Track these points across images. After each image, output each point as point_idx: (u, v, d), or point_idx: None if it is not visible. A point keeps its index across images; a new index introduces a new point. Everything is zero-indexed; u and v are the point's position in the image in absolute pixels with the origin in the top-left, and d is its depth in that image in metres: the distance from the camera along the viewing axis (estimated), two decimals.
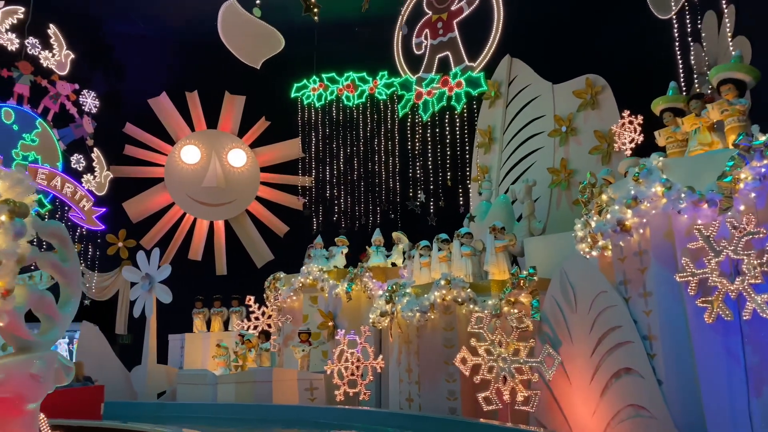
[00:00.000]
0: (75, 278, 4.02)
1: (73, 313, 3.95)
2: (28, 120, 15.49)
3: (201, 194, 17.77)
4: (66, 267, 3.94)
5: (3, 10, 14.39)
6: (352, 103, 17.64)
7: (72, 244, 4.09)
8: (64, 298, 3.97)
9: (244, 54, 16.48)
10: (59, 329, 3.79)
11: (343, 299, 12.89)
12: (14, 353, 3.54)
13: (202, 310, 15.78)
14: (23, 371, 3.44)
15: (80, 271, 4.09)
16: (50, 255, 3.87)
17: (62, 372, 3.69)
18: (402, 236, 13.49)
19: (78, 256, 13.28)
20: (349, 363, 11.17)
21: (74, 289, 4.00)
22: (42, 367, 3.48)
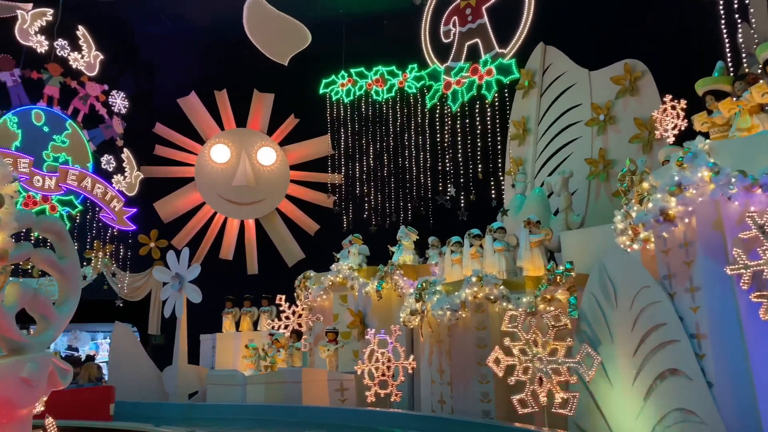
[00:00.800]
0: (73, 276, 3.81)
1: (70, 312, 3.74)
2: (58, 121, 15.69)
3: (231, 193, 17.73)
4: (63, 264, 3.74)
5: (32, 12, 14.57)
6: (381, 98, 17.39)
7: (70, 239, 3.89)
8: (62, 297, 3.77)
9: (272, 50, 16.44)
10: (55, 330, 3.59)
11: (373, 298, 12.61)
12: (5, 355, 3.34)
13: (232, 310, 15.69)
14: (13, 375, 3.23)
15: (80, 268, 3.88)
16: (45, 251, 3.67)
17: (57, 375, 3.47)
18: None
19: (112, 256, 13.44)
20: (380, 363, 10.85)
21: (73, 288, 3.81)
22: (34, 370, 3.27)
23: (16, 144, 14.80)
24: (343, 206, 17.60)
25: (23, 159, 14.43)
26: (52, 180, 14.98)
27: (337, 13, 16.84)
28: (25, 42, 14.54)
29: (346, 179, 17.83)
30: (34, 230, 3.71)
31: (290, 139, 18.60)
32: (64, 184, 15.13)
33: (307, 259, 17.40)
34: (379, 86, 17.44)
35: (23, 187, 14.70)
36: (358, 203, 17.45)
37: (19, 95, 14.74)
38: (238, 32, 16.41)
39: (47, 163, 15.21)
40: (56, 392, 8.49)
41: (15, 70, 14.61)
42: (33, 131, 15.11)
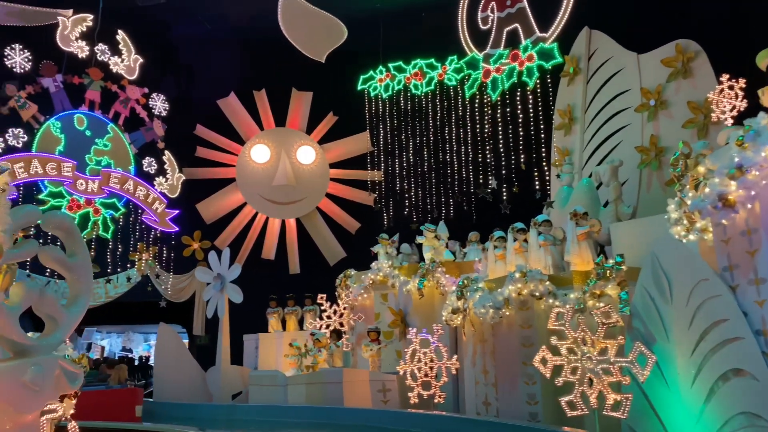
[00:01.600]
0: (84, 275, 3.64)
1: (81, 313, 3.57)
2: (100, 125, 15.97)
3: (272, 193, 17.73)
4: (73, 262, 3.57)
5: (72, 18, 14.83)
6: (420, 92, 17.09)
7: (80, 236, 3.72)
8: (72, 297, 3.60)
9: (308, 47, 16.34)
10: (63, 331, 3.42)
11: (414, 296, 12.33)
12: (10, 358, 3.18)
13: (276, 309, 15.67)
14: (15, 379, 3.05)
15: (91, 266, 3.71)
16: (52, 249, 3.50)
17: (65, 379, 3.29)
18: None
19: (156, 258, 13.54)
20: (422, 363, 10.54)
21: (83, 287, 3.63)
22: (37, 374, 3.10)
23: (60, 149, 15.12)
24: (384, 203, 17.35)
25: (67, 163, 14.72)
26: (95, 183, 15.24)
27: (373, 6, 16.59)
28: (67, 48, 14.84)
29: (386, 176, 17.59)
30: (43, 227, 3.54)
31: (329, 137, 18.48)
32: (106, 187, 15.39)
33: (349, 258, 17.24)
34: (418, 80, 17.15)
35: (67, 191, 14.99)
36: (398, 200, 17.17)
37: (62, 100, 15.05)
38: (276, 31, 16.38)
39: (90, 167, 15.48)
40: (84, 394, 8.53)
41: (57, 76, 14.93)
42: (76, 136, 15.41)
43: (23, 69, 14.24)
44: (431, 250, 12.79)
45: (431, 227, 13.00)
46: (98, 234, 15.64)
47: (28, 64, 14.33)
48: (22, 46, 14.20)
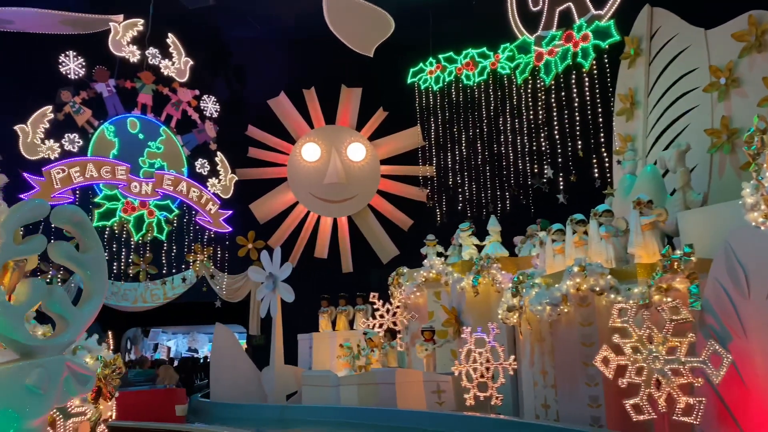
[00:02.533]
0: (98, 271, 3.47)
1: (93, 311, 3.40)
2: (152, 128, 16.27)
3: (323, 191, 17.65)
4: (85, 257, 3.39)
5: (123, 24, 15.14)
6: (472, 82, 16.62)
7: (94, 231, 3.55)
8: (85, 295, 3.43)
9: (355, 41, 16.15)
10: (73, 331, 3.25)
11: (468, 294, 11.93)
12: (13, 360, 3.01)
13: (328, 308, 15.56)
14: (16, 382, 2.87)
15: (105, 262, 3.53)
16: (61, 244, 3.32)
17: (74, 381, 3.10)
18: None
19: (211, 258, 13.64)
20: (478, 364, 10.12)
21: (97, 284, 3.46)
22: (41, 377, 2.91)
23: (114, 152, 15.49)
24: (437, 199, 16.97)
25: (120, 166, 15.05)
26: (148, 186, 15.52)
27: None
28: (118, 53, 15.18)
29: (439, 170, 17.21)
30: (53, 221, 3.37)
31: (380, 132, 18.26)
32: (160, 189, 15.65)
33: (402, 256, 16.95)
34: (470, 70, 16.71)
35: (122, 194, 15.31)
36: (451, 194, 16.75)
37: (115, 105, 15.41)
38: (324, 29, 16.31)
39: (144, 170, 15.79)
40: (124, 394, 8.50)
41: (110, 81, 15.30)
42: (129, 139, 15.76)
43: (77, 75, 14.67)
44: (470, 249, 12.39)
45: (465, 226, 12.62)
46: (153, 236, 15.92)
47: (82, 70, 14.74)
48: (76, 53, 14.60)
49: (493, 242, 12.60)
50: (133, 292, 16.01)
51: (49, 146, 13.94)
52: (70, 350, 5.20)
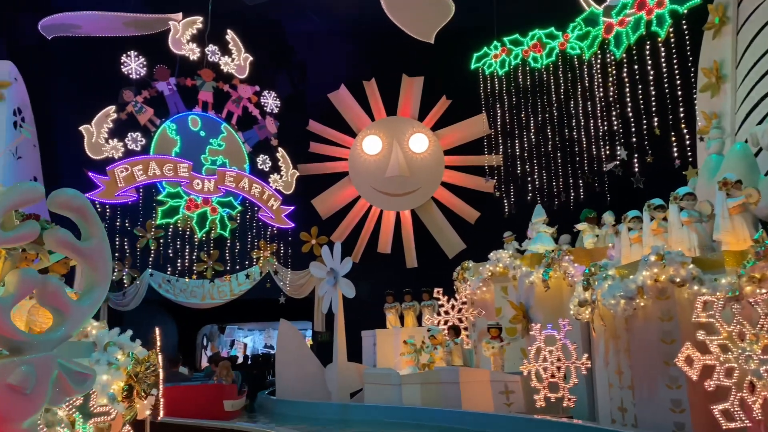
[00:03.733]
0: (101, 261, 3.20)
1: (94, 305, 3.13)
2: (213, 125, 16.42)
3: (385, 185, 17.31)
4: (85, 246, 3.13)
5: (183, 22, 15.32)
6: (540, 65, 15.82)
7: (96, 217, 3.28)
8: (87, 287, 3.17)
9: (415, 28, 15.71)
10: (70, 326, 2.98)
11: (538, 288, 11.27)
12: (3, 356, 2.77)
13: (394, 305, 15.26)
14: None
15: (109, 252, 3.27)
16: (58, 230, 3.07)
17: (66, 380, 2.84)
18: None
19: (276, 254, 13.61)
20: (549, 363, 9.50)
21: (100, 276, 3.20)
22: (25, 375, 2.66)
23: (176, 150, 15.73)
24: (504, 189, 16.26)
25: (183, 164, 15.24)
26: (210, 183, 15.66)
27: None
28: (178, 51, 15.39)
29: (506, 159, 16.48)
30: (49, 207, 3.13)
31: (443, 122, 17.73)
32: (222, 186, 15.76)
33: (469, 249, 16.37)
34: (537, 52, 15.90)
35: (184, 191, 15.51)
36: (520, 184, 15.99)
37: (176, 103, 15.64)
38: (383, 18, 15.99)
39: (206, 167, 15.95)
40: (171, 389, 8.42)
41: (171, 80, 15.54)
42: (191, 137, 15.95)
43: (139, 75, 14.97)
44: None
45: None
46: (217, 233, 16.09)
47: (143, 70, 15.04)
48: (137, 53, 14.90)
49: (540, 233, 11.94)
50: (200, 290, 16.23)
51: (112, 146, 14.30)
52: (102, 346, 5.05)
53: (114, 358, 4.92)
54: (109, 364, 4.84)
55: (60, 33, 15.13)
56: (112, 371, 4.77)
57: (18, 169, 13.87)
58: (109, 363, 4.85)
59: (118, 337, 5.19)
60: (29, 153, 14.37)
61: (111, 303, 15.55)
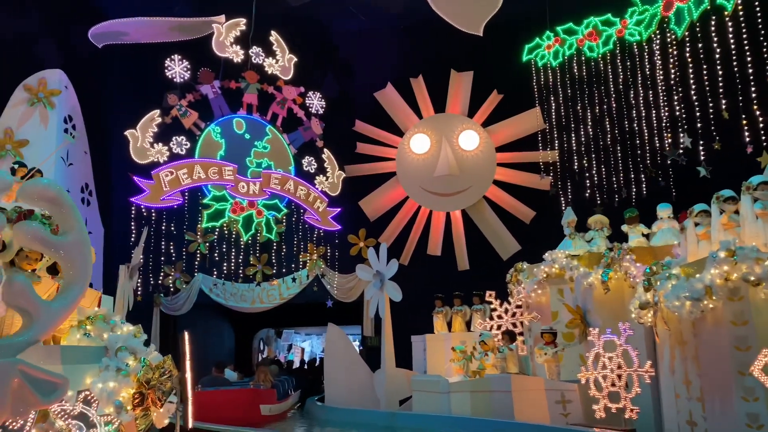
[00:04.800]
0: (78, 257, 2.90)
1: (68, 307, 2.83)
2: (258, 128, 16.36)
3: (434, 184, 16.82)
4: (60, 241, 2.83)
5: (226, 24, 15.32)
6: (596, 54, 15.09)
7: (74, 209, 2.98)
8: (63, 286, 2.87)
9: (462, 20, 15.22)
10: (38, 328, 2.68)
11: (597, 290, 10.58)
12: None
13: (443, 309, 14.78)
14: None
15: (89, 247, 2.97)
16: (28, 224, 2.78)
17: (29, 389, 2.53)
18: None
19: (324, 257, 13.44)
20: (608, 371, 8.83)
21: (77, 273, 2.88)
22: None
23: (221, 153, 15.73)
24: (561, 186, 15.51)
25: (228, 167, 15.22)
26: (256, 185, 15.59)
27: None
28: (222, 54, 15.39)
29: (562, 155, 15.74)
30: (20, 198, 2.84)
31: (494, 117, 17.07)
32: (267, 189, 15.66)
33: (524, 251, 15.67)
34: (593, 40, 15.21)
35: (229, 194, 15.48)
36: (577, 180, 15.22)
37: (220, 106, 15.64)
38: (429, 12, 15.61)
39: (251, 170, 15.89)
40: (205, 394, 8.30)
41: (215, 82, 15.55)
42: (235, 139, 15.93)
43: (183, 78, 15.03)
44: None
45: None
46: (265, 236, 16.00)
47: (187, 73, 15.09)
48: (181, 57, 14.97)
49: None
50: (250, 293, 16.18)
51: (158, 150, 14.39)
52: (113, 351, 4.83)
53: (124, 364, 4.66)
54: (118, 370, 4.58)
55: (109, 41, 15.41)
56: (120, 378, 4.51)
57: (69, 175, 14.14)
58: (119, 369, 4.59)
59: (133, 341, 4.95)
60: (81, 160, 14.64)
61: (163, 307, 15.69)
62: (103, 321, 6.32)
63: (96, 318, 6.27)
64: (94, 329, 6.12)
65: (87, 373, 4.52)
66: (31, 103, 13.54)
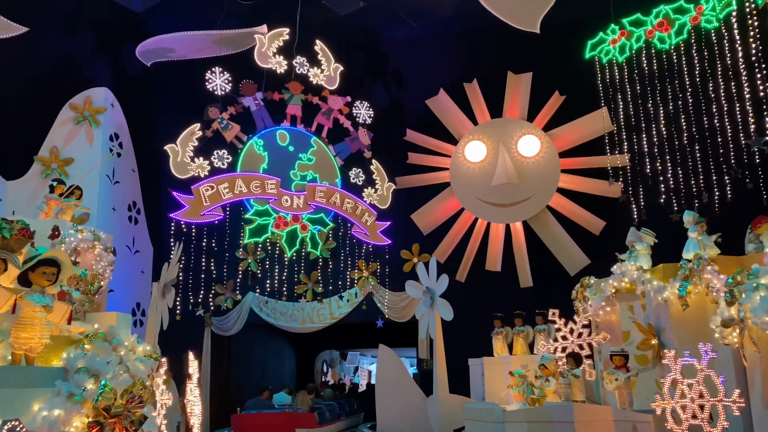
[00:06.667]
0: None
1: None
2: (302, 139, 16.00)
3: (492, 194, 15.84)
4: None
5: (269, 35, 15.07)
6: (668, 46, 13.88)
7: None
8: None
9: (517, 18, 14.28)
10: None
11: (674, 306, 9.44)
12: None
13: (502, 329, 13.78)
14: None
15: None
16: None
17: None
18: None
19: (375, 275, 12.83)
20: (688, 400, 7.71)
21: None
22: None
23: (264, 166, 15.41)
24: (632, 192, 14.23)
25: (270, 180, 14.86)
26: (300, 199, 15.15)
27: None
28: (265, 65, 15.12)
29: (633, 158, 14.48)
30: None
31: (556, 121, 15.99)
32: (312, 202, 15.19)
33: (593, 265, 14.44)
34: (664, 31, 13.99)
35: (273, 209, 15.10)
36: (651, 185, 13.91)
37: (263, 118, 15.35)
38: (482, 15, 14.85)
39: (295, 183, 15.51)
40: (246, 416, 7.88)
41: (257, 94, 15.29)
42: (279, 152, 15.60)
43: (224, 91, 14.80)
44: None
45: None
46: (317, 253, 15.50)
47: (228, 86, 14.86)
48: (222, 69, 14.79)
49: None
50: (300, 313, 15.77)
51: (198, 164, 14.17)
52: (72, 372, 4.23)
53: (80, 389, 4.05)
54: (70, 396, 3.97)
55: (157, 58, 15.50)
56: (70, 405, 3.89)
57: (115, 194, 14.16)
58: (72, 394, 3.98)
59: (96, 361, 4.34)
60: (128, 178, 14.67)
61: (214, 328, 15.43)
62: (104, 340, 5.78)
63: (95, 336, 5.74)
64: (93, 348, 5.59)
65: (37, 398, 3.93)
66: (77, 122, 13.67)
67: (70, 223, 10.65)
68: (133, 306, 14.25)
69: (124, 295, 13.81)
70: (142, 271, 14.80)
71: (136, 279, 14.56)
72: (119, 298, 13.59)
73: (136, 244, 14.78)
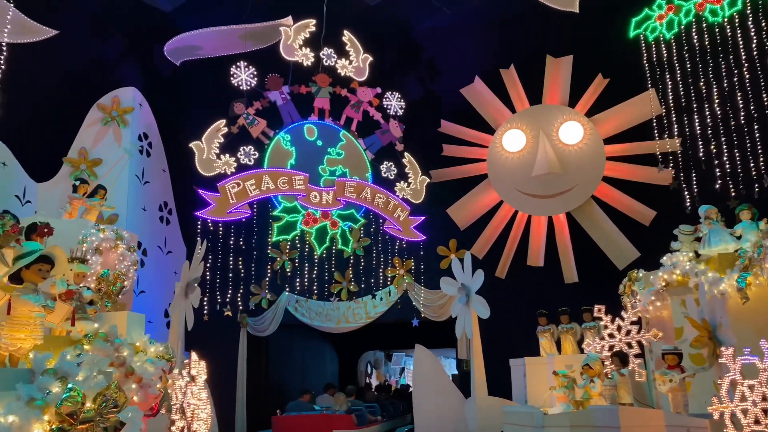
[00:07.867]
0: None
1: None
2: (331, 133, 15.60)
3: (532, 185, 15.13)
4: None
5: (294, 27, 14.76)
6: (720, 18, 12.93)
7: None
8: None
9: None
10: None
11: (732, 300, 8.74)
12: None
13: (548, 327, 13.11)
14: None
15: None
16: None
17: None
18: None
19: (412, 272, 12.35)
20: (749, 403, 7.09)
21: None
22: None
23: (291, 162, 15.07)
24: (684, 179, 13.31)
25: (298, 176, 14.51)
26: (329, 195, 14.77)
27: None
28: (291, 58, 14.79)
29: (684, 142, 13.55)
30: None
31: (600, 105, 15.14)
32: (342, 198, 14.79)
33: (643, 258, 13.55)
34: (715, 3, 13.04)
35: (301, 205, 14.76)
36: (704, 170, 12.97)
37: (290, 112, 15.00)
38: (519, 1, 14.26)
39: (324, 178, 15.13)
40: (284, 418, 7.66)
41: (284, 88, 14.94)
42: (306, 147, 15.23)
43: (249, 85, 14.52)
44: None
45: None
46: (346, 250, 15.11)
47: (254, 80, 14.58)
48: (247, 63, 14.52)
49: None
50: (335, 312, 15.44)
51: (224, 161, 13.91)
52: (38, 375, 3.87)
53: (42, 392, 3.68)
54: (31, 401, 3.61)
55: (185, 57, 15.39)
56: (28, 410, 3.52)
57: (145, 194, 14.07)
58: (32, 399, 3.62)
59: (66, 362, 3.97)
60: (158, 177, 14.57)
61: (250, 329, 15.22)
62: (104, 340, 5.49)
63: (96, 336, 5.46)
64: (92, 349, 5.31)
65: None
66: (105, 122, 13.62)
67: (92, 222, 10.54)
68: (165, 307, 14.14)
69: (155, 297, 13.70)
70: (174, 272, 14.68)
71: (169, 280, 14.44)
72: (151, 299, 13.49)
73: (168, 244, 14.67)
